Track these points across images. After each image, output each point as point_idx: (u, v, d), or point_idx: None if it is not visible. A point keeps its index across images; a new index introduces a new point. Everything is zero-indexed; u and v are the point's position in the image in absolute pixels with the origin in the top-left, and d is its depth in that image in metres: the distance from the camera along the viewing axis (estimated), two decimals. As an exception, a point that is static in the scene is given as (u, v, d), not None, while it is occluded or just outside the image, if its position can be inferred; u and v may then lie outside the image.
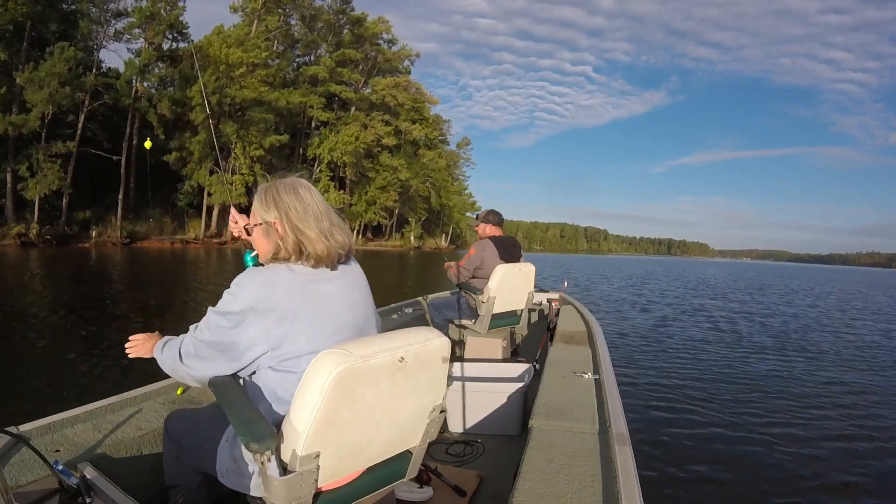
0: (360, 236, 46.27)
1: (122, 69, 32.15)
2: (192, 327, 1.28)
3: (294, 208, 1.23)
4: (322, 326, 1.22)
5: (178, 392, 1.94)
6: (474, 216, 3.86)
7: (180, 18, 32.86)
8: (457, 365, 2.95)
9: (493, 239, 3.63)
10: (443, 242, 53.93)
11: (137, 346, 1.42)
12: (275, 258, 1.26)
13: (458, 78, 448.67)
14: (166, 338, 1.36)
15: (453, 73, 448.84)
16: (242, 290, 1.18)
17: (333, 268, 1.29)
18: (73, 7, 30.20)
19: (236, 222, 1.52)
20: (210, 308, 1.22)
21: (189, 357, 1.26)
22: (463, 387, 2.65)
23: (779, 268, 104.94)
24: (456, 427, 2.68)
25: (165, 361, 1.30)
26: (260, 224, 1.28)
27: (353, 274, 1.36)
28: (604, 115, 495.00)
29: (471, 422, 2.65)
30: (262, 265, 1.30)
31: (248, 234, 1.36)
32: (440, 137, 55.92)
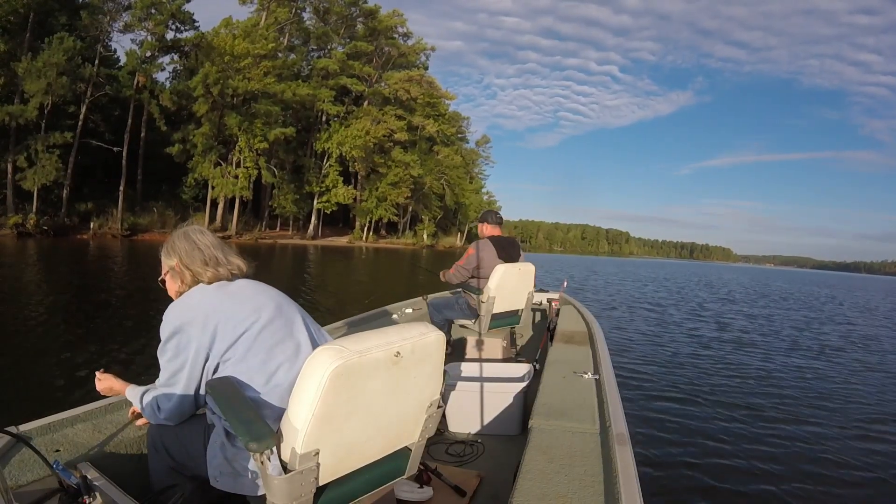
0: (371, 233, 45.88)
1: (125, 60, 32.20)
2: (156, 382, 1.44)
3: (184, 250, 1.45)
4: (241, 311, 1.36)
5: None
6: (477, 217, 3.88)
7: (183, 8, 32.79)
8: (457, 365, 2.95)
9: (492, 239, 3.62)
10: (458, 241, 53.18)
11: (107, 384, 1.59)
12: (181, 293, 1.47)
13: (482, 77, 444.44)
14: (146, 388, 1.49)
15: (478, 71, 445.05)
16: (166, 320, 1.36)
17: (231, 280, 1.46)
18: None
19: (100, 380, 1.63)
20: (158, 355, 1.40)
21: (163, 401, 1.41)
22: (463, 387, 2.65)
23: (802, 275, 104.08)
24: (456, 427, 2.68)
25: (145, 412, 1.45)
26: (167, 271, 1.50)
27: (255, 281, 1.54)
28: (629, 116, 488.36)
29: (471, 422, 2.65)
30: None
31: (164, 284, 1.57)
32: (458, 135, 55.03)
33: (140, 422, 1.62)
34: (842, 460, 3.78)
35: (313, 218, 42.34)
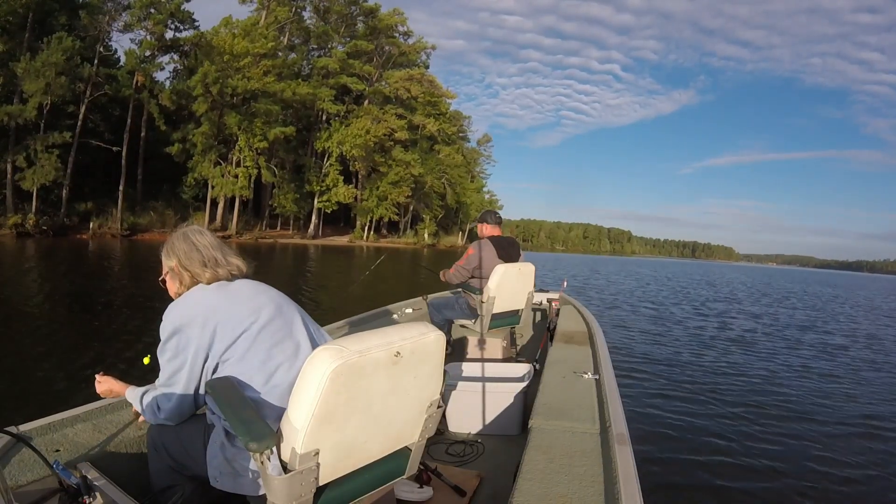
0: (372, 233, 45.71)
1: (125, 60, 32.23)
2: (156, 383, 1.45)
3: (183, 251, 1.45)
4: (240, 311, 1.36)
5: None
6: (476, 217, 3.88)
7: (182, 7, 32.77)
8: (457, 365, 2.95)
9: (492, 239, 3.63)
10: (459, 241, 52.89)
11: (107, 386, 1.60)
12: (180, 294, 1.47)
13: (484, 76, 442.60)
14: (145, 388, 1.49)
15: (479, 70, 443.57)
16: (166, 320, 1.37)
17: (231, 281, 1.47)
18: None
19: (100, 383, 1.64)
20: (158, 355, 1.41)
21: (163, 401, 1.41)
22: (463, 387, 2.65)
23: (805, 274, 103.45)
24: (456, 427, 2.68)
25: (145, 412, 1.46)
26: (167, 272, 1.50)
27: (255, 281, 1.54)
28: (631, 115, 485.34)
29: (471, 422, 2.66)
30: None
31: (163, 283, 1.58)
32: (460, 134, 54.61)
33: (142, 419, 1.63)
34: (846, 459, 3.78)
35: (314, 217, 42.31)
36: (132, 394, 1.50)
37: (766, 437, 4.14)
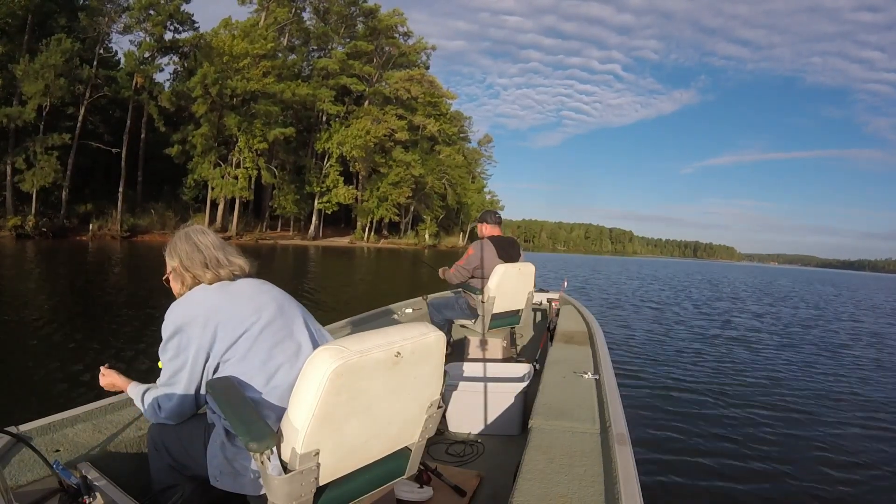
0: (373, 233, 45.72)
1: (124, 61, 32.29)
2: (157, 382, 1.45)
3: (185, 251, 1.45)
4: (241, 311, 1.36)
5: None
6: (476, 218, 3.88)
7: (182, 9, 32.83)
8: (457, 365, 2.95)
9: (492, 239, 3.63)
10: (460, 241, 52.67)
11: (110, 380, 1.59)
12: (182, 294, 1.47)
13: (484, 76, 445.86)
14: (147, 386, 1.49)
15: (480, 71, 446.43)
16: (168, 320, 1.37)
17: (233, 280, 1.47)
18: (84, 2, 30.30)
19: (104, 375, 1.64)
20: (160, 354, 1.41)
21: (164, 400, 1.41)
22: (463, 387, 2.65)
23: (806, 273, 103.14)
24: (456, 427, 2.68)
25: (146, 411, 1.46)
26: (170, 272, 1.50)
27: (257, 279, 1.54)
28: (631, 115, 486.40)
29: (471, 422, 2.66)
30: None
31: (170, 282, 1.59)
32: (461, 135, 54.65)
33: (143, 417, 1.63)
34: (848, 457, 3.77)
35: (314, 218, 42.30)
36: (134, 390, 1.50)
37: (768, 435, 4.14)
